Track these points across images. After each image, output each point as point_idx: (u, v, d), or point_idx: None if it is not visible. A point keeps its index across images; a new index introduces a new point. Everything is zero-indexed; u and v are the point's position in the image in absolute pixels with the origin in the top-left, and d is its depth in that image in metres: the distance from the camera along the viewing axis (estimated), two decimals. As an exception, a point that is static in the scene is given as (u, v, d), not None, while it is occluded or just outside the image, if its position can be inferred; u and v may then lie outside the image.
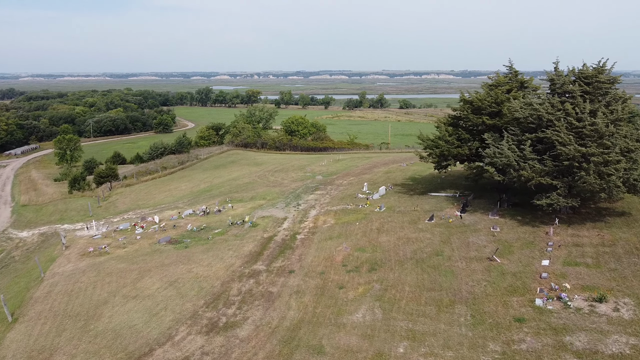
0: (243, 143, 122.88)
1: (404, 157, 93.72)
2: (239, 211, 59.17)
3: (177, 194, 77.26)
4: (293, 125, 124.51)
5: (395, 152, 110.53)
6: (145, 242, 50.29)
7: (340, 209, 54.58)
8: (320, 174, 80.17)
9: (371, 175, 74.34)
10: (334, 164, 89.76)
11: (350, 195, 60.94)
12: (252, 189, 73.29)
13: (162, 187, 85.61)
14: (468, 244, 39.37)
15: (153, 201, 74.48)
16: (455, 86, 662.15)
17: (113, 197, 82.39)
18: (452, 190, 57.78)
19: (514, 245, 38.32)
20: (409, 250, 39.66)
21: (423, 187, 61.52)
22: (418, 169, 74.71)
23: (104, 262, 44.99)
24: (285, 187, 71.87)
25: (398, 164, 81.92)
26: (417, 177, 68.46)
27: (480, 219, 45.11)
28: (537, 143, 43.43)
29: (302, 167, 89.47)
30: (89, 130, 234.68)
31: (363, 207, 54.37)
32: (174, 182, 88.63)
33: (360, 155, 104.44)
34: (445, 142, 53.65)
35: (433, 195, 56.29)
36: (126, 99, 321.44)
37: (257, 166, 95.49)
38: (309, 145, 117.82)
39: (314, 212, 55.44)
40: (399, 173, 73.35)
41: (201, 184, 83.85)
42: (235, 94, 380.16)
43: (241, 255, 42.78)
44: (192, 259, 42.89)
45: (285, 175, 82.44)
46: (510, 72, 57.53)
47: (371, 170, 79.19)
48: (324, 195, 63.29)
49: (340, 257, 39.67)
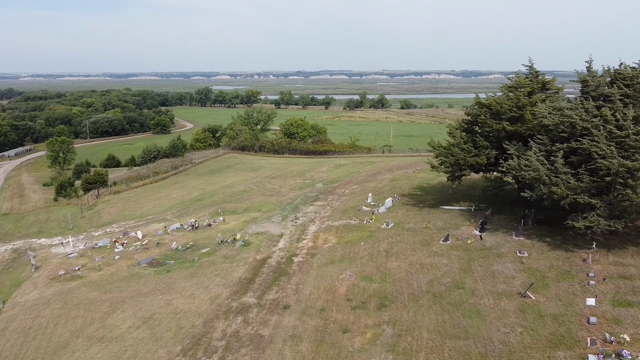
0: (240, 146, 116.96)
1: (409, 162, 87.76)
2: (231, 225, 53.25)
3: (167, 203, 71.34)
4: (292, 127, 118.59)
5: (399, 156, 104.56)
6: (123, 264, 44.36)
7: (343, 225, 48.64)
8: (321, 182, 74.24)
9: (375, 183, 68.38)
10: (335, 170, 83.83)
11: (353, 208, 55.00)
12: (247, 198, 67.37)
13: (152, 194, 79.71)
14: (493, 274, 33.44)
15: (140, 211, 68.57)
16: (455, 86, 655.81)
17: (99, 205, 76.48)
18: (466, 203, 51.84)
19: (548, 276, 32.38)
20: (424, 280, 33.73)
21: (433, 198, 55.58)
22: (426, 177, 68.77)
23: (73, 290, 39.06)
24: (282, 196, 65.97)
25: (404, 171, 75.97)
26: (425, 186, 62.53)
27: (504, 240, 39.18)
28: (570, 154, 37.49)
29: (301, 173, 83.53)
30: (85, 131, 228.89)
31: (368, 222, 48.42)
32: (166, 189, 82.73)
33: (363, 159, 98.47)
34: (461, 150, 47.66)
35: (445, 209, 50.35)
36: (124, 99, 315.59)
37: (254, 172, 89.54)
38: (308, 149, 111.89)
39: (314, 227, 49.50)
40: (405, 181, 67.40)
41: (193, 191, 77.93)
42: (235, 94, 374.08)
43: (229, 283, 36.87)
44: (173, 287, 36.99)
45: (283, 183, 76.50)
46: (531, 72, 51.60)
47: (375, 177, 73.24)
48: (325, 207, 57.36)
49: (344, 289, 33.75)
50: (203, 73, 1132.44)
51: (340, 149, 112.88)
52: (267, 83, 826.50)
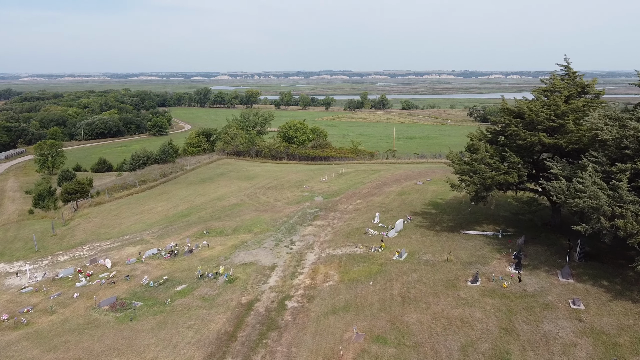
0: (235, 151, 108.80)
1: (417, 170, 79.63)
2: (216, 251, 45.13)
3: (149, 219, 63.22)
4: (291, 130, 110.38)
5: (405, 163, 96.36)
6: (81, 305, 36.23)
7: (347, 254, 40.51)
8: (321, 194, 66.11)
9: (382, 197, 60.26)
10: (336, 180, 75.65)
11: (358, 230, 46.89)
12: (238, 214, 59.26)
13: (135, 207, 71.60)
14: (546, 338, 25.30)
15: (119, 229, 60.46)
16: (456, 86, 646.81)
17: (76, 220, 68.38)
18: (490, 226, 43.72)
19: (621, 343, 24.26)
20: (455, 345, 25.62)
21: (451, 219, 47.48)
22: (438, 190, 60.71)
23: (12, 345, 30.93)
24: (278, 212, 57.88)
25: (413, 182, 67.86)
26: (439, 202, 54.44)
27: (548, 283, 31.04)
28: (635, 177, 29.38)
29: (299, 183, 75.36)
30: (80, 133, 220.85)
31: (377, 251, 40.30)
32: (151, 200, 74.58)
33: (366, 167, 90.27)
34: (487, 167, 39.49)
35: (467, 234, 42.25)
36: (122, 99, 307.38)
37: (248, 181, 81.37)
38: (308, 154, 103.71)
39: (312, 256, 41.37)
40: (415, 195, 59.29)
41: (180, 204, 69.79)
42: (234, 94, 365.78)
43: (204, 341, 28.74)
44: (133, 346, 28.88)
45: (279, 195, 68.37)
46: (567, 74, 43.46)
47: (381, 189, 65.12)
48: (325, 228, 49.23)
49: (350, 356, 25.65)
50: (203, 73, 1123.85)
51: (341, 154, 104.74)
52: (268, 83, 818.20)
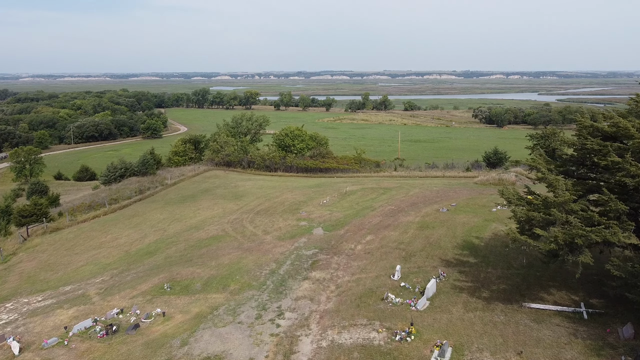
0: (225, 161, 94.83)
1: (435, 189, 65.81)
2: (172, 327, 31.23)
3: (105, 258, 49.31)
4: (287, 138, 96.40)
5: (417, 177, 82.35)
6: None
7: (360, 346, 26.60)
8: (321, 224, 52.26)
9: (399, 232, 46.34)
10: (339, 202, 61.74)
11: (372, 293, 33.04)
12: (215, 253, 45.42)
13: (96, 236, 57.77)
14: None
15: (62, 273, 46.57)
16: (458, 87, 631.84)
17: (20, 254, 54.56)
18: (563, 293, 29.92)
19: None
20: None
21: (500, 275, 33.64)
22: (469, 222, 46.96)
23: None
24: (265, 252, 44.08)
25: (434, 207, 54.07)
26: (476, 244, 40.62)
27: None
28: None
29: (295, 206, 61.48)
30: (69, 136, 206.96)
31: (404, 340, 26.45)
32: (117, 226, 60.71)
33: (373, 182, 76.26)
34: (573, 214, 25.53)
35: (534, 309, 28.45)
36: (117, 101, 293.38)
37: (236, 200, 67.47)
38: (306, 166, 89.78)
39: (307, 345, 27.47)
40: (442, 230, 45.40)
41: (150, 233, 55.94)
42: (233, 95, 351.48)
43: None
44: None
45: (269, 224, 54.48)
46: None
47: (396, 219, 51.24)
48: (327, 286, 35.37)
49: None
50: (204, 73, 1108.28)
51: (344, 165, 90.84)
52: (268, 83, 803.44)
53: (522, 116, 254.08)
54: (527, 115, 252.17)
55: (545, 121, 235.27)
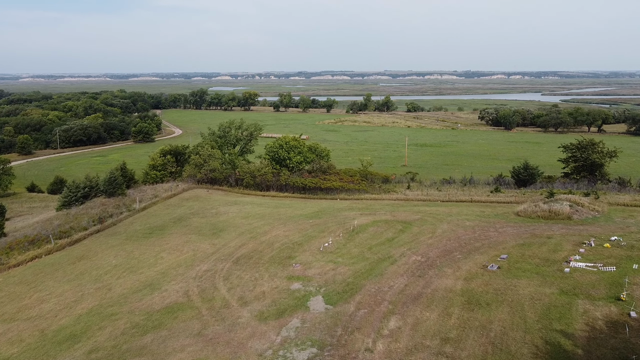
0: (208, 177, 78.91)
1: (469, 225, 49.94)
2: None
3: (7, 345, 33.49)
4: (282, 150, 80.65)
5: (439, 202, 66.12)
6: None
7: None
8: (322, 288, 36.39)
9: (437, 314, 30.52)
10: (346, 247, 45.80)
11: None
12: (162, 348, 29.67)
13: (18, 295, 41.92)
14: None
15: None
16: (460, 87, 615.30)
17: None
18: None
19: None
20: None
21: None
22: (538, 295, 31.17)
23: None
24: (237, 348, 28.37)
25: (476, 260, 38.27)
26: (565, 348, 24.83)
27: None
28: None
29: (287, 252, 45.58)
30: (56, 140, 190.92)
31: None
32: (53, 276, 44.87)
33: (387, 210, 60.20)
34: None
35: None
36: (111, 102, 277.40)
37: (212, 238, 51.61)
38: (304, 185, 73.87)
39: None
40: (502, 313, 29.59)
41: (89, 294, 40.11)
42: (232, 96, 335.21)
43: None
44: None
45: (250, 284, 38.62)
46: None
47: (428, 281, 35.39)
48: None
49: None
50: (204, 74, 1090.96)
51: (349, 184, 74.97)
52: (268, 84, 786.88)
53: (531, 118, 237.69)
54: (536, 117, 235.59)
55: (556, 124, 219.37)
